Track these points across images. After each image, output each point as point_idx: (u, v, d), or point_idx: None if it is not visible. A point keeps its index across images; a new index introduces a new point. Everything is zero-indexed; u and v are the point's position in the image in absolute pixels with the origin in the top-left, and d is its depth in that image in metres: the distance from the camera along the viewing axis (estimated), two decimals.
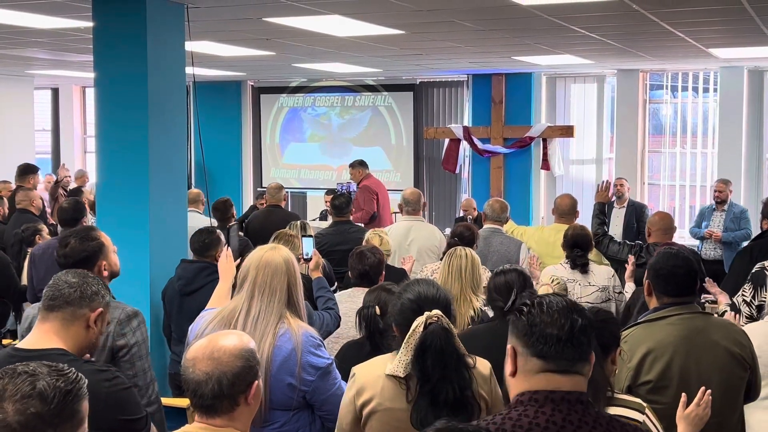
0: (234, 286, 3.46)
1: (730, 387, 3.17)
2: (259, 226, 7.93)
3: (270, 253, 3.21)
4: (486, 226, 6.48)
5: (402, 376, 2.86)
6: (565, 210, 6.57)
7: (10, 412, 1.81)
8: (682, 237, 9.77)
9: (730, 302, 4.74)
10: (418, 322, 2.84)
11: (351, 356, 3.44)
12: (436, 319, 2.84)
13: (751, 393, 3.31)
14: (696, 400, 2.86)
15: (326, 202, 9.22)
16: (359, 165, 9.56)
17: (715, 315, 4.21)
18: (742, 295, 4.71)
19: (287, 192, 9.68)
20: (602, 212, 6.32)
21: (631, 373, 3.19)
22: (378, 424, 2.95)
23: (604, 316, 2.84)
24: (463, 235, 5.67)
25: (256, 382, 2.32)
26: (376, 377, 2.95)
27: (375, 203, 9.06)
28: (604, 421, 2.08)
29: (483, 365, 2.99)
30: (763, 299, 4.70)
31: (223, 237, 5.20)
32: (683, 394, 2.90)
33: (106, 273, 3.55)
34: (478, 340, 3.53)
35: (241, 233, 7.38)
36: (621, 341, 3.20)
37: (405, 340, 2.87)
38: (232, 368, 2.26)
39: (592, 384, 2.58)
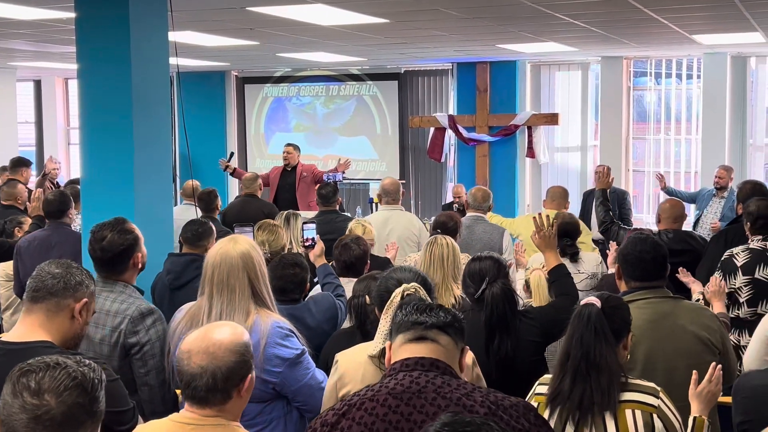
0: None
1: (698, 372, 3.13)
2: (234, 216, 7.93)
3: (226, 247, 3.14)
4: (469, 214, 6.50)
5: (380, 350, 2.91)
6: (557, 193, 6.63)
7: (54, 405, 1.82)
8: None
9: (702, 290, 4.77)
10: (395, 294, 2.93)
11: (342, 346, 3.45)
12: (413, 290, 2.92)
13: (725, 378, 3.28)
14: (707, 376, 2.88)
15: None
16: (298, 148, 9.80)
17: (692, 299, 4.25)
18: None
19: None
20: (606, 199, 6.15)
21: None
22: None
23: (615, 303, 2.87)
24: (446, 225, 5.61)
25: (250, 375, 2.34)
26: (357, 364, 3.00)
27: None
28: (455, 383, 2.17)
29: (467, 354, 3.00)
30: (733, 286, 4.74)
31: (214, 228, 5.20)
32: (694, 372, 2.92)
33: (140, 265, 3.52)
34: None
35: None
36: None
37: (383, 312, 2.96)
38: (227, 363, 2.28)
39: (606, 370, 2.66)
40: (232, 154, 10.24)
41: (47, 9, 6.40)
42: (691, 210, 9.34)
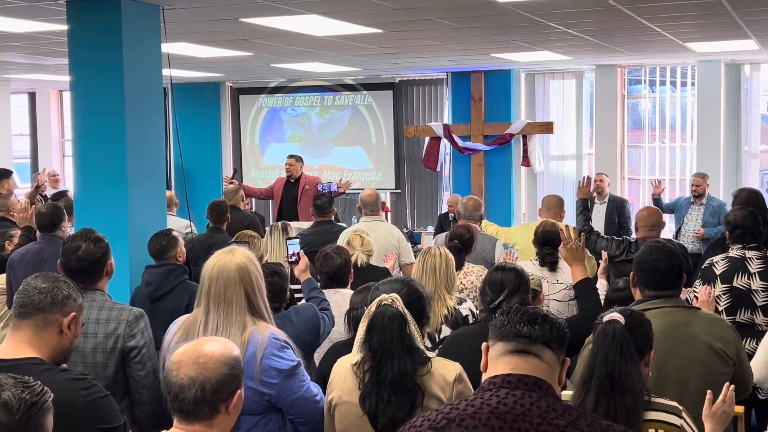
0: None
1: (711, 382, 3.15)
2: None
3: (223, 260, 3.11)
4: (460, 224, 6.48)
5: (359, 358, 2.95)
6: (552, 202, 6.66)
7: None
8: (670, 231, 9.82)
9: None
10: (372, 303, 2.97)
11: (340, 357, 3.45)
12: (390, 301, 2.94)
13: (739, 390, 3.24)
14: (721, 396, 2.86)
15: None
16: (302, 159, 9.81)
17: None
18: (693, 291, 4.74)
19: None
20: (586, 208, 6.27)
21: None
22: (338, 416, 3.04)
23: (638, 319, 2.82)
24: (463, 237, 5.57)
25: (239, 391, 2.30)
26: (342, 371, 3.05)
27: None
28: (560, 409, 2.08)
29: (448, 369, 3.00)
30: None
31: (180, 238, 5.18)
32: (708, 392, 2.90)
33: (111, 273, 3.61)
34: (465, 341, 3.53)
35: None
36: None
37: (361, 321, 2.99)
38: (217, 375, 2.25)
39: (630, 389, 2.63)
40: (235, 170, 10.25)
41: (40, 21, 6.39)
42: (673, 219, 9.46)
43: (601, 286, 5.25)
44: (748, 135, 11.17)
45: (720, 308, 4.70)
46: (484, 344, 2.23)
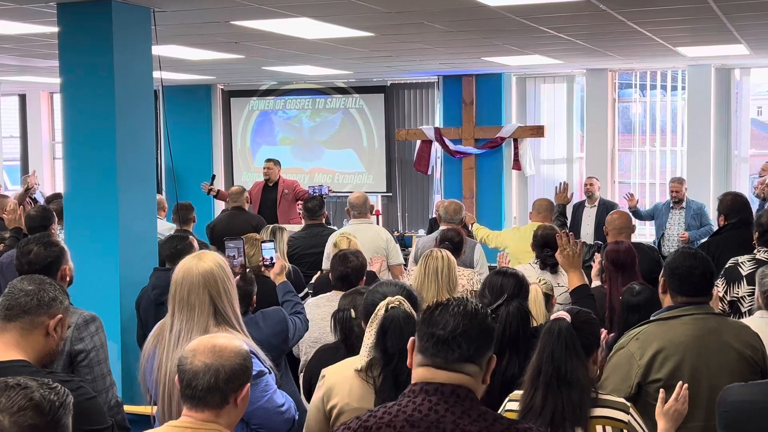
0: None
1: None
2: (223, 229, 7.91)
3: (189, 265, 3.10)
4: (441, 227, 6.50)
5: (365, 363, 2.94)
6: (543, 206, 6.70)
7: (7, 425, 1.80)
8: (642, 235, 9.90)
9: None
10: (380, 307, 2.96)
11: (326, 360, 3.45)
12: (398, 303, 2.96)
13: None
14: (674, 395, 2.89)
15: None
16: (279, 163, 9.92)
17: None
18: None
19: None
20: (562, 213, 6.37)
21: (641, 370, 3.19)
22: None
23: (585, 317, 2.87)
24: (453, 240, 5.59)
25: (248, 385, 2.38)
26: (344, 378, 3.02)
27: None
28: (475, 414, 2.09)
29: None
30: (736, 295, 4.74)
31: (195, 243, 5.14)
32: (661, 390, 2.93)
33: (68, 278, 3.59)
34: None
35: None
36: (633, 338, 3.25)
37: (368, 325, 2.99)
38: (232, 364, 2.33)
39: (578, 385, 2.67)
40: (214, 176, 10.25)
41: (31, 24, 6.37)
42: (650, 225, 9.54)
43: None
44: (738, 139, 11.23)
45: (743, 309, 4.71)
46: (411, 339, 2.22)
